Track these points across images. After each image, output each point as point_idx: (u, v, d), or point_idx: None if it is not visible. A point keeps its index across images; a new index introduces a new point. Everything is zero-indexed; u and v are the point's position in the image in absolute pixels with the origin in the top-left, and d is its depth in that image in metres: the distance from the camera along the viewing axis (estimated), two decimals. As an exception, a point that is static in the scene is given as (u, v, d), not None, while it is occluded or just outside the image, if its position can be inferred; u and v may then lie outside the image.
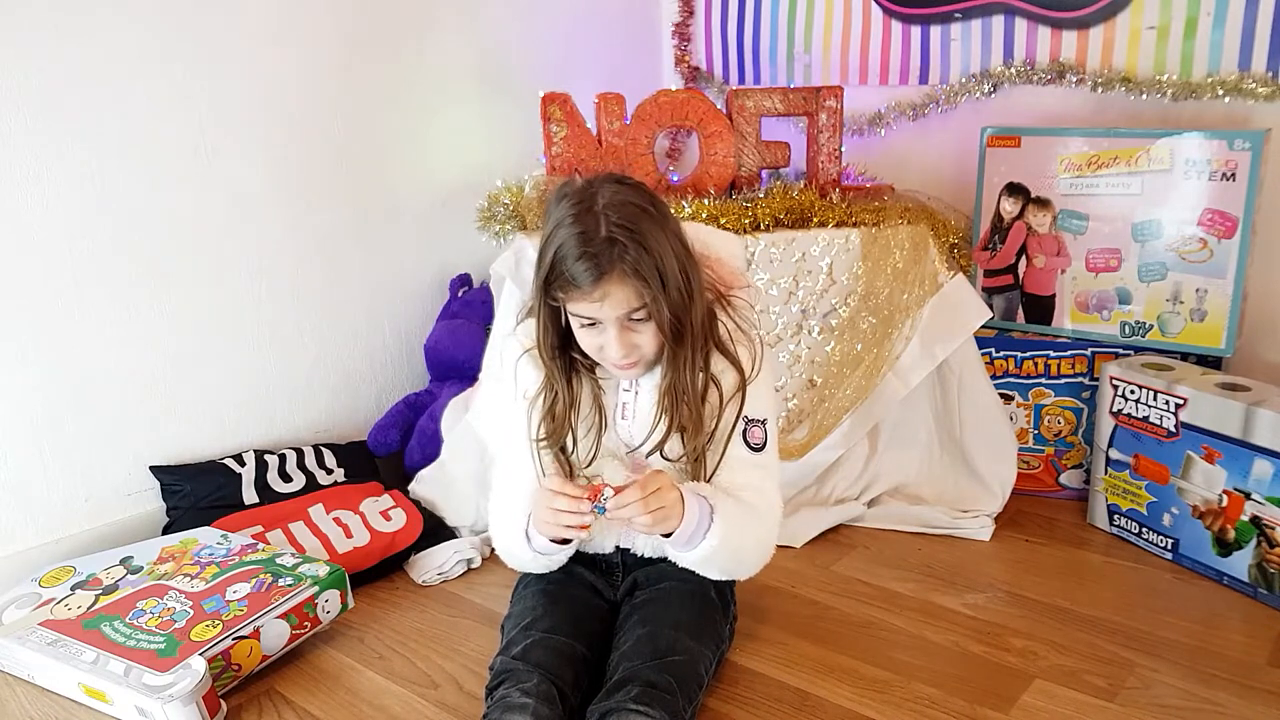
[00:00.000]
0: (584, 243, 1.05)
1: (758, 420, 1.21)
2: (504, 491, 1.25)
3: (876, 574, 1.55)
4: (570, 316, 1.12)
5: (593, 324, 1.10)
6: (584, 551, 1.27)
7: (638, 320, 1.10)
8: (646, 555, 1.25)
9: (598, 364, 1.18)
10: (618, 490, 1.09)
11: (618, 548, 1.26)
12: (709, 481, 1.19)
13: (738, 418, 1.19)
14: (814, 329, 1.71)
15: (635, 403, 1.20)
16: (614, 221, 1.05)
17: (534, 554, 1.19)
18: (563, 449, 1.20)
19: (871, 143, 2.10)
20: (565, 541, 1.17)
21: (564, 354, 1.17)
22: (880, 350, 1.68)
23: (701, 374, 1.16)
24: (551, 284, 1.09)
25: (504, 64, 2.04)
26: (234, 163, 1.68)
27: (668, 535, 1.12)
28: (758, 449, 1.21)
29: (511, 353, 1.23)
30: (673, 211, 1.14)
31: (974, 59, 1.96)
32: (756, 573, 1.23)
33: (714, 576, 1.22)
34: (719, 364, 1.17)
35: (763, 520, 1.20)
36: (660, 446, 1.18)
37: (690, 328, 1.11)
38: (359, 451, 1.84)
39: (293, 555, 1.45)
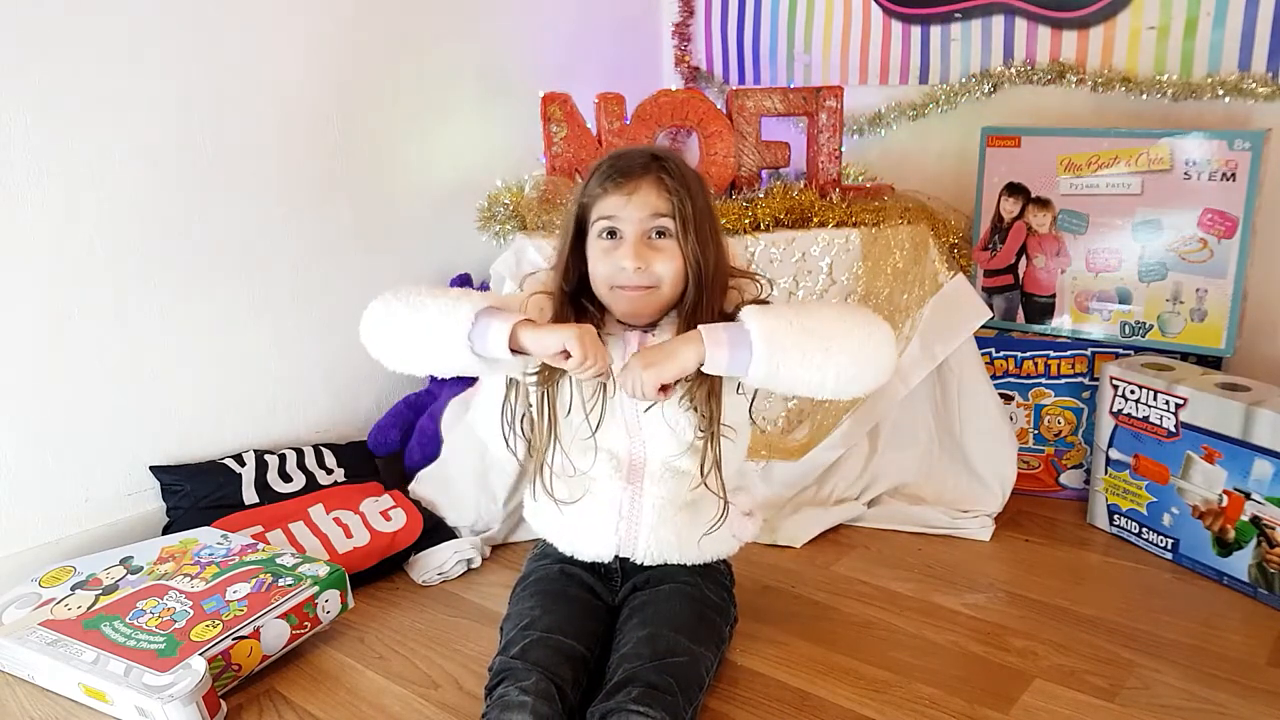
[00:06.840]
0: (623, 154, 1.11)
1: None
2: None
3: (876, 574, 1.55)
4: (592, 235, 1.12)
5: (613, 238, 1.10)
6: (582, 558, 1.26)
7: (660, 237, 1.10)
8: (646, 563, 1.24)
9: (605, 318, 1.15)
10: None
11: (617, 556, 1.25)
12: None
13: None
14: (814, 329, 1.71)
15: None
16: (660, 153, 1.10)
17: (470, 354, 1.06)
18: (553, 428, 1.17)
19: (871, 143, 2.11)
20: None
21: (575, 301, 1.15)
22: (880, 350, 1.68)
23: None
24: (585, 192, 1.11)
25: (504, 64, 2.04)
26: (234, 163, 1.68)
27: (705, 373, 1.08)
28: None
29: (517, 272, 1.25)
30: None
31: (974, 59, 1.96)
32: (893, 358, 1.09)
33: (838, 382, 1.05)
34: None
35: (832, 307, 1.18)
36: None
37: (708, 279, 1.10)
38: (359, 451, 1.84)
39: (293, 555, 1.45)
